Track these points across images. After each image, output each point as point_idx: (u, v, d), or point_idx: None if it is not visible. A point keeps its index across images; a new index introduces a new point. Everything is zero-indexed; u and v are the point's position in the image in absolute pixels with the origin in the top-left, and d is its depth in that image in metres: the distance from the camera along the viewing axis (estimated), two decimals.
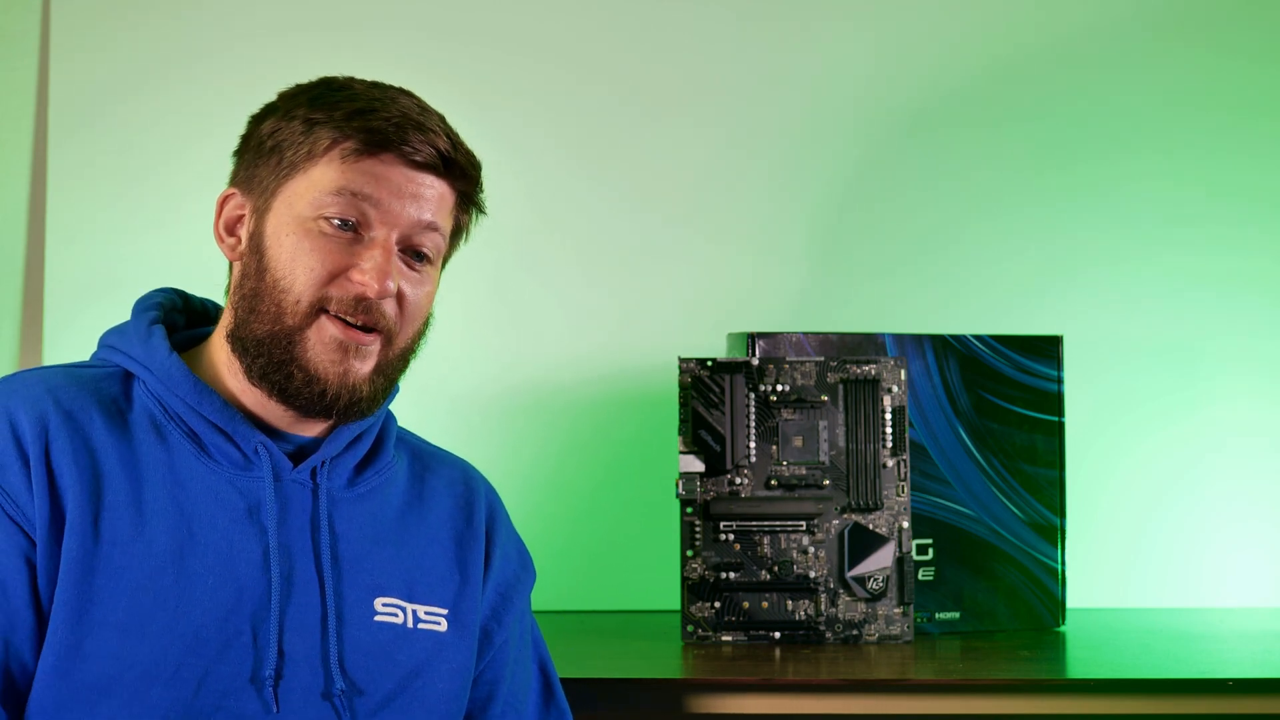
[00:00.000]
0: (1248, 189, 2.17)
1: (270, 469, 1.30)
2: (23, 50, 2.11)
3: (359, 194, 1.29)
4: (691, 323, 2.12)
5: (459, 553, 1.39)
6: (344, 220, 1.29)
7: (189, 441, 1.30)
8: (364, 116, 1.29)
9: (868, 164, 2.16)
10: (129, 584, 1.24)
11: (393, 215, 1.30)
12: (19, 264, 2.11)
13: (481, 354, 2.12)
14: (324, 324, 1.29)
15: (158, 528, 1.26)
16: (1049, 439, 1.92)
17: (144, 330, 1.34)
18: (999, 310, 2.14)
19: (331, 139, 1.29)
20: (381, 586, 1.33)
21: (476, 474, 1.47)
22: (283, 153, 1.31)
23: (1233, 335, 2.16)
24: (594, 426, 2.11)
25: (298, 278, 1.28)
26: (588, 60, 2.15)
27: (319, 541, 1.31)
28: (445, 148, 1.32)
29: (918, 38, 2.17)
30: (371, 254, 1.29)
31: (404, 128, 1.30)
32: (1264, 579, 2.14)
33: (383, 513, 1.36)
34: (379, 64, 2.17)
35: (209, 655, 1.25)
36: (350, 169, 1.29)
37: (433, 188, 1.32)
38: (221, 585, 1.27)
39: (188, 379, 1.30)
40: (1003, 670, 1.67)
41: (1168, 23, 2.18)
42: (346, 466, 1.35)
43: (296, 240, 1.29)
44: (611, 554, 2.10)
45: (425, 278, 1.34)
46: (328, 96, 1.32)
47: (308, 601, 1.29)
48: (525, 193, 2.14)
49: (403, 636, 1.33)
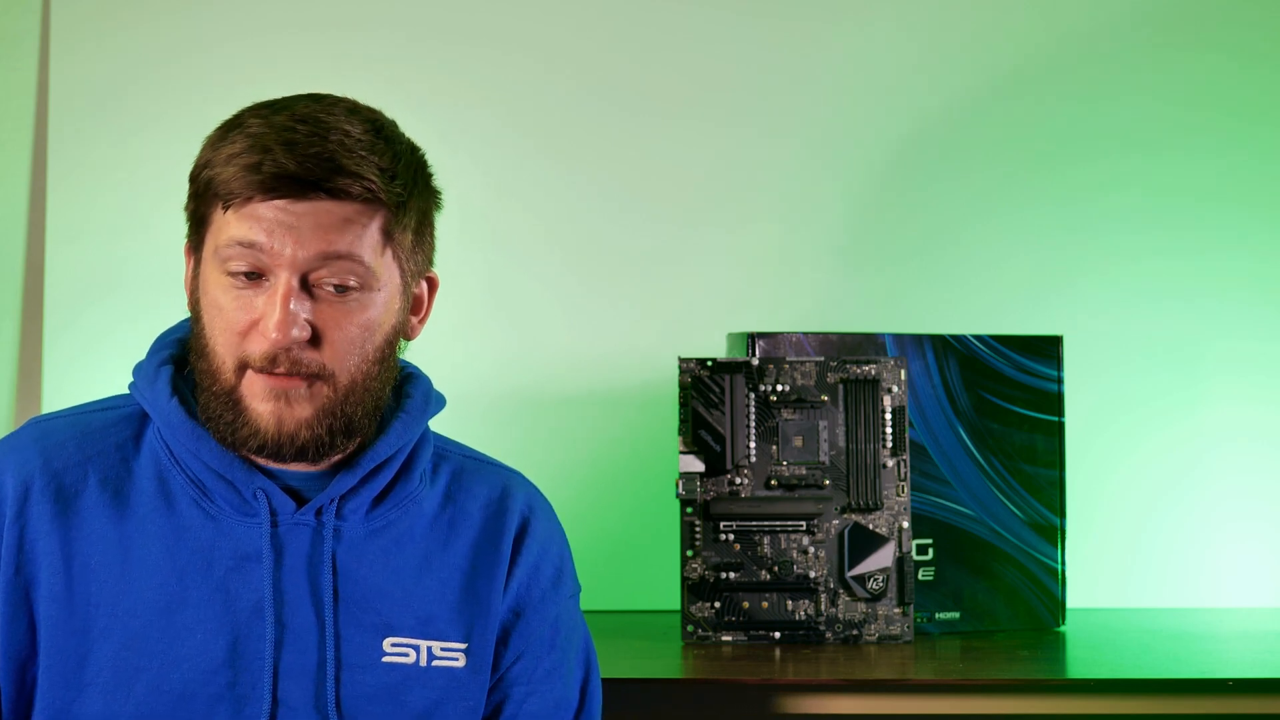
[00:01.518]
0: (1248, 189, 2.17)
1: (268, 514, 1.28)
2: (23, 50, 2.11)
3: (244, 242, 1.23)
4: (691, 323, 2.12)
5: (480, 581, 1.34)
6: (246, 273, 1.24)
7: (192, 488, 1.28)
8: (237, 160, 1.23)
9: (867, 164, 2.16)
10: (115, 643, 1.24)
11: (284, 257, 1.22)
12: (19, 264, 2.11)
13: (481, 355, 2.12)
14: (251, 378, 1.25)
15: (146, 584, 1.25)
16: (1049, 439, 1.92)
17: (153, 371, 1.31)
18: (999, 310, 2.14)
19: (214, 191, 1.24)
20: (391, 625, 1.30)
21: (518, 487, 1.40)
22: (195, 204, 1.27)
23: (1233, 336, 2.16)
24: (594, 426, 2.11)
25: (218, 339, 1.25)
26: (588, 62, 2.15)
27: (319, 584, 1.28)
28: (319, 172, 1.22)
29: (918, 40, 2.17)
30: (271, 301, 1.23)
31: (278, 163, 1.21)
32: (1264, 579, 2.14)
33: (400, 546, 1.32)
34: (378, 64, 2.18)
35: (198, 710, 1.24)
36: (237, 218, 1.23)
37: (325, 214, 1.23)
38: (212, 638, 1.25)
39: (185, 425, 1.28)
40: (1003, 670, 1.67)
41: (1169, 25, 2.18)
42: (363, 500, 1.31)
43: (213, 298, 1.25)
44: (611, 554, 2.09)
45: (355, 307, 1.25)
46: (222, 138, 1.25)
47: (305, 648, 1.27)
48: (525, 193, 2.14)
49: (413, 677, 1.30)
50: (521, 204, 2.14)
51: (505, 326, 2.12)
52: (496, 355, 2.11)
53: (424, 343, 1.38)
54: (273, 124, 1.24)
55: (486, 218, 2.12)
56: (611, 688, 1.54)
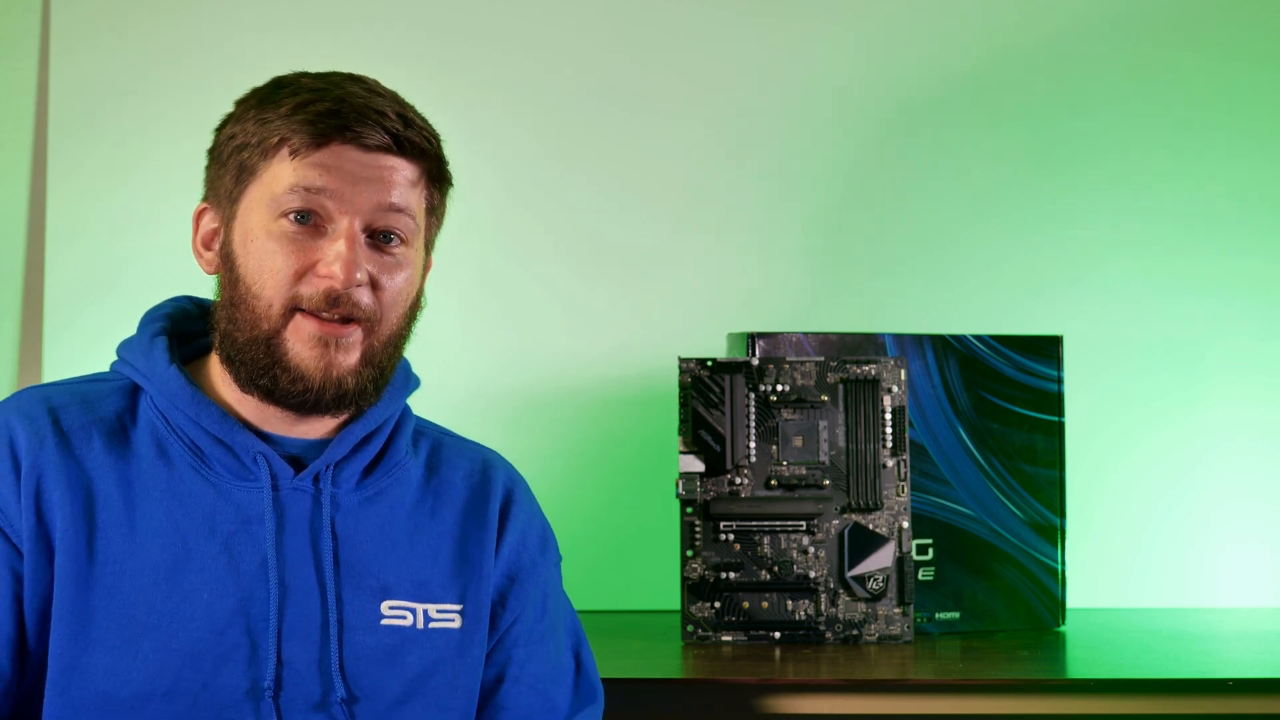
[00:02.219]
0: (1248, 189, 2.17)
1: (269, 478, 1.30)
2: (23, 50, 2.11)
3: (312, 188, 1.27)
4: (691, 323, 2.12)
5: (470, 547, 1.38)
6: (302, 214, 1.27)
7: (190, 454, 1.30)
8: (306, 109, 1.28)
9: (868, 164, 2.16)
10: (123, 601, 1.25)
11: (351, 202, 1.28)
12: (19, 264, 2.11)
13: (481, 355, 2.12)
14: (300, 322, 1.28)
15: (152, 545, 1.27)
16: (1049, 439, 1.92)
17: (147, 343, 1.34)
18: (999, 310, 2.14)
19: (280, 137, 1.28)
20: (389, 589, 1.33)
21: (497, 461, 1.45)
22: (239, 157, 1.30)
23: (1233, 336, 2.16)
24: (594, 426, 2.11)
25: (266, 282, 1.27)
26: (590, 62, 2.15)
27: (320, 548, 1.31)
28: (395, 127, 1.29)
29: (919, 37, 2.17)
30: (335, 245, 1.27)
31: (347, 113, 1.28)
32: (1264, 579, 2.14)
33: (393, 513, 1.35)
34: (377, 61, 2.17)
35: (206, 669, 1.25)
36: (302, 164, 1.27)
37: (391, 168, 1.30)
38: (218, 599, 1.27)
39: (185, 390, 1.30)
40: (1003, 670, 1.67)
41: (1169, 24, 2.18)
42: (355, 469, 1.34)
43: (261, 244, 1.28)
44: (611, 554, 2.10)
45: (402, 261, 1.31)
46: (273, 95, 1.30)
47: (308, 609, 1.29)
48: (525, 193, 2.14)
49: (412, 639, 1.32)
50: (522, 204, 2.14)
51: (506, 326, 2.12)
52: (497, 355, 2.11)
53: (424, 342, 1.39)
54: (331, 80, 1.31)
55: (487, 218, 2.12)
56: (611, 688, 1.54)
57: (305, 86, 1.30)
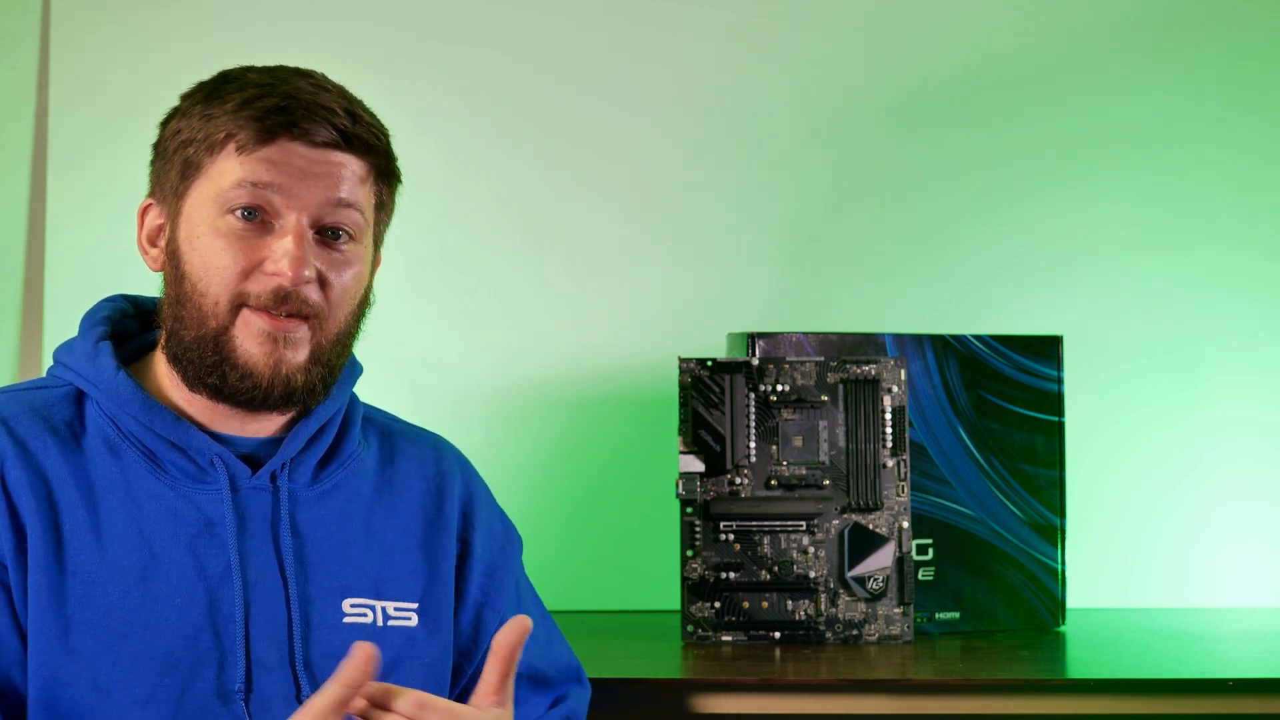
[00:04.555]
0: (1248, 189, 2.17)
1: (227, 480, 1.29)
2: (23, 50, 2.11)
3: (259, 182, 1.26)
4: (691, 323, 2.12)
5: (428, 543, 1.38)
6: (249, 210, 1.26)
7: (144, 459, 1.29)
8: (253, 104, 1.27)
9: (868, 164, 2.16)
10: (97, 611, 1.24)
11: (298, 198, 1.27)
12: (19, 264, 2.11)
13: (481, 355, 2.11)
14: (248, 317, 1.27)
15: (119, 552, 1.26)
16: (1049, 439, 1.92)
17: (91, 348, 1.32)
18: (999, 310, 2.14)
19: (226, 132, 1.27)
20: (349, 587, 1.32)
21: (449, 451, 1.45)
22: (185, 153, 1.29)
23: (1233, 335, 2.16)
24: (594, 426, 2.11)
25: (213, 280, 1.26)
26: (591, 63, 2.15)
27: (281, 547, 1.30)
28: (343, 123, 1.28)
29: (918, 36, 2.17)
30: (282, 242, 1.26)
31: (294, 109, 1.27)
32: (1264, 579, 2.14)
33: (350, 507, 1.35)
34: (378, 60, 2.17)
35: (183, 674, 1.25)
36: (249, 160, 1.26)
37: (339, 164, 1.29)
38: (189, 604, 1.26)
39: (136, 396, 1.29)
40: (1003, 670, 1.67)
41: (1169, 22, 2.18)
42: (309, 464, 1.34)
43: (208, 241, 1.27)
44: (611, 554, 2.09)
45: (350, 257, 1.30)
46: (219, 90, 1.29)
47: (274, 609, 1.29)
48: (525, 193, 2.14)
49: (372, 636, 1.31)
50: (521, 205, 2.13)
51: (505, 327, 2.12)
52: (497, 355, 2.11)
53: (424, 342, 1.39)
54: (278, 75, 1.30)
55: (486, 218, 2.12)
56: (611, 688, 1.55)
57: (251, 81, 1.29)
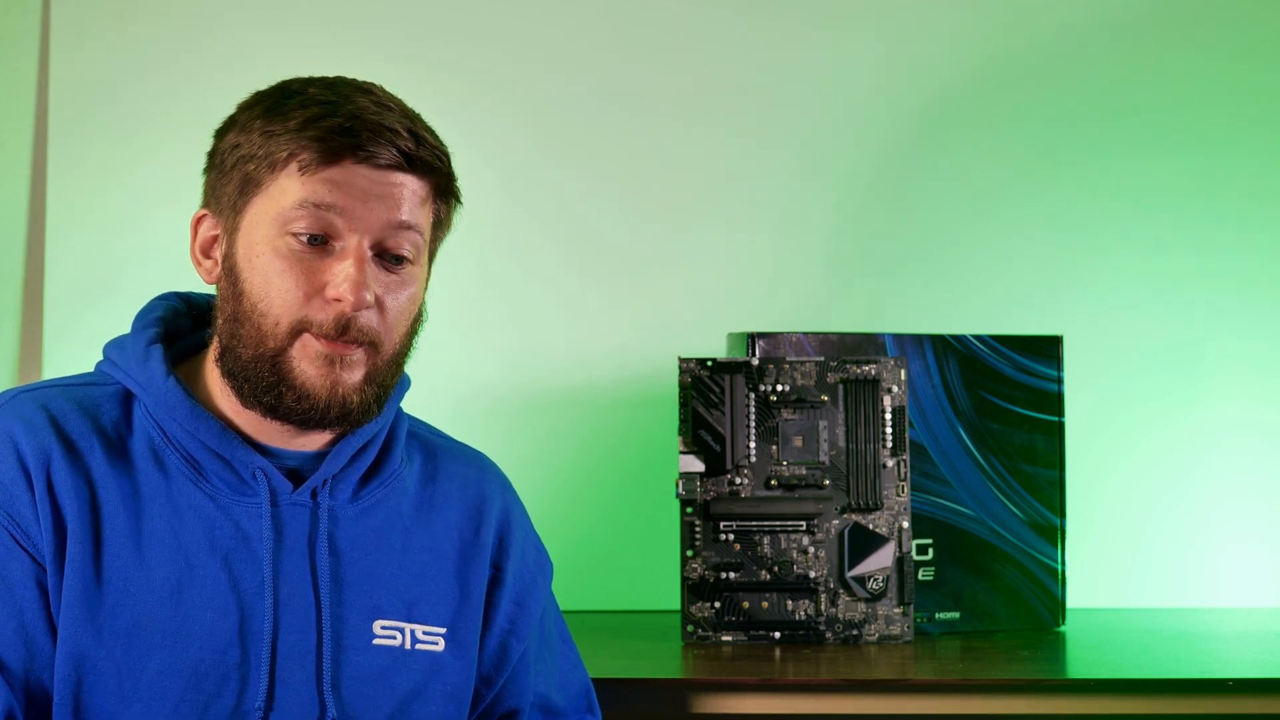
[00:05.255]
0: (1248, 189, 2.17)
1: (268, 494, 1.28)
2: (23, 50, 2.11)
3: (322, 204, 1.24)
4: (691, 323, 2.12)
5: (462, 567, 1.37)
6: (312, 235, 1.24)
7: (187, 467, 1.28)
8: (317, 124, 1.24)
9: (868, 164, 2.16)
10: (128, 622, 1.24)
11: (361, 221, 1.25)
12: (19, 264, 2.11)
13: (481, 355, 2.12)
14: (307, 341, 1.25)
15: (155, 562, 1.25)
16: (1049, 439, 1.92)
17: (142, 351, 1.31)
18: (999, 310, 2.14)
19: (289, 151, 1.25)
20: (380, 608, 1.31)
21: (492, 473, 1.44)
22: (244, 169, 1.27)
23: (1233, 335, 2.16)
24: (594, 426, 2.11)
25: (274, 301, 1.25)
26: (591, 64, 2.15)
27: (317, 565, 1.29)
28: (407, 145, 1.26)
29: (919, 38, 2.17)
30: (343, 265, 1.24)
31: (359, 131, 1.24)
32: (1264, 579, 2.14)
33: (389, 526, 1.34)
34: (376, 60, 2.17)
35: (208, 689, 1.25)
36: (311, 180, 1.24)
37: (401, 185, 1.27)
38: (221, 618, 1.26)
39: (184, 404, 1.28)
40: (1003, 670, 1.67)
41: (1169, 24, 2.18)
42: (350, 481, 1.33)
43: (268, 261, 1.25)
44: (611, 554, 2.09)
45: (407, 279, 1.29)
46: (281, 105, 1.27)
47: (305, 627, 1.28)
48: (525, 194, 2.14)
49: (400, 659, 1.31)
50: (522, 205, 2.13)
51: (506, 327, 2.12)
52: (497, 355, 2.11)
53: (424, 344, 1.39)
54: (341, 93, 1.27)
55: (487, 219, 2.12)
56: (611, 688, 1.55)
57: (314, 99, 1.26)
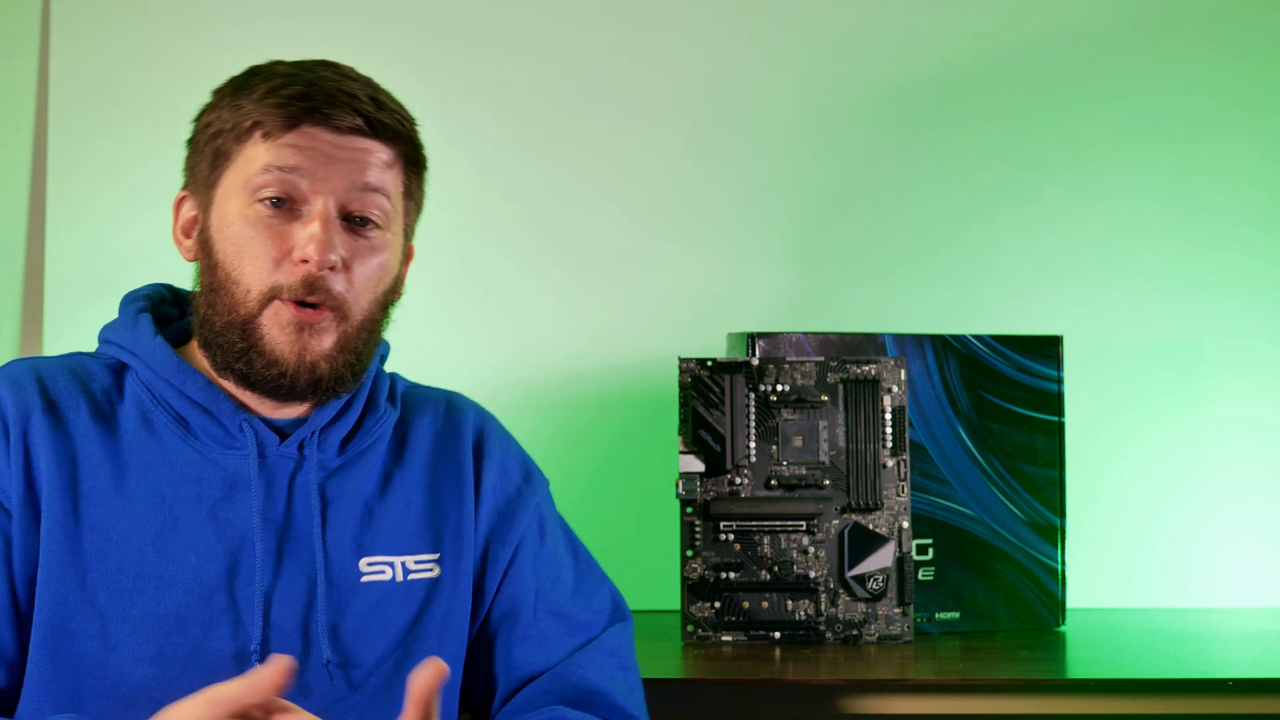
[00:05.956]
0: (1248, 189, 2.17)
1: (255, 444, 1.31)
2: (23, 50, 2.11)
3: (285, 167, 1.28)
4: (691, 323, 2.12)
5: (445, 492, 1.39)
6: (277, 198, 1.28)
7: (176, 424, 1.31)
8: (278, 92, 1.29)
9: (868, 164, 2.16)
10: (111, 568, 1.26)
11: (325, 183, 1.29)
12: (19, 263, 2.11)
13: (481, 354, 2.11)
14: (278, 307, 1.28)
15: (139, 511, 1.28)
16: (1049, 439, 1.92)
17: (131, 319, 1.36)
18: (999, 310, 2.14)
19: (252, 121, 1.29)
20: (364, 547, 1.34)
21: (462, 401, 1.46)
22: (215, 144, 1.32)
23: (1233, 335, 2.16)
24: (594, 426, 2.11)
25: (245, 268, 1.29)
26: (591, 63, 2.15)
27: (307, 513, 1.32)
28: (367, 109, 1.30)
29: (919, 36, 2.17)
30: (308, 227, 1.28)
31: (317, 95, 1.29)
32: (1264, 579, 2.14)
33: (371, 473, 1.37)
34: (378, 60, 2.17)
35: (194, 633, 1.27)
36: (275, 146, 1.29)
37: (366, 150, 1.31)
38: (205, 563, 1.28)
39: (170, 359, 1.32)
40: (1003, 670, 1.67)
41: (1168, 21, 2.18)
42: (337, 435, 1.35)
43: (239, 229, 1.29)
44: (611, 554, 2.08)
45: (377, 244, 1.32)
46: (247, 82, 1.32)
47: (296, 574, 1.30)
48: (524, 194, 2.14)
49: (392, 592, 1.33)
50: (521, 205, 2.13)
51: (505, 326, 2.12)
52: (497, 355, 2.11)
53: (424, 344, 1.39)
54: (304, 66, 1.32)
55: (486, 218, 2.12)
56: None
57: (278, 73, 1.31)
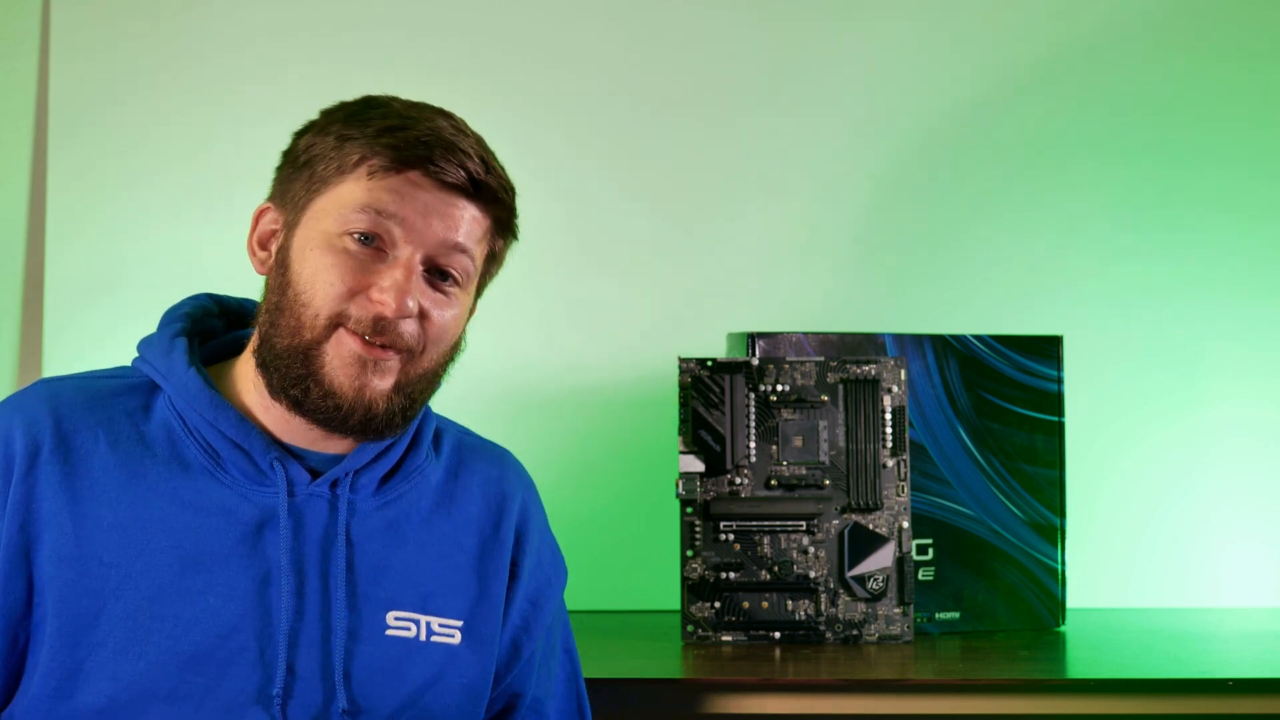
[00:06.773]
0: (1247, 189, 2.17)
1: (285, 483, 1.29)
2: (23, 51, 2.11)
3: (384, 211, 1.27)
4: (691, 323, 2.12)
5: (481, 562, 1.37)
6: (366, 236, 1.27)
7: (205, 457, 1.29)
8: (394, 134, 1.27)
9: (867, 166, 2.16)
10: (128, 604, 1.24)
11: (418, 234, 1.28)
12: (19, 264, 2.11)
13: (481, 354, 2.10)
14: (342, 338, 1.27)
15: (160, 546, 1.26)
16: (1049, 439, 1.92)
17: (167, 343, 1.33)
18: (999, 310, 2.14)
19: (360, 155, 1.28)
20: (395, 600, 1.32)
21: (515, 471, 1.45)
22: (314, 168, 1.29)
23: (1232, 335, 2.16)
24: (594, 426, 2.11)
25: (317, 293, 1.26)
26: (591, 63, 2.15)
27: (333, 555, 1.30)
28: (476, 170, 1.29)
29: (919, 40, 2.17)
30: (392, 272, 1.27)
31: (433, 146, 1.27)
32: (1264, 579, 2.14)
33: (407, 519, 1.34)
34: (383, 66, 2.17)
35: (210, 673, 1.25)
36: (377, 186, 1.27)
37: (463, 210, 1.30)
38: (225, 602, 1.26)
39: (204, 393, 1.29)
40: (1003, 670, 1.67)
41: (1170, 26, 2.18)
42: (374, 476, 1.33)
43: (319, 255, 1.27)
44: (611, 554, 2.09)
45: (452, 300, 1.31)
46: (363, 113, 1.30)
47: (316, 617, 1.28)
48: (523, 193, 2.13)
49: (414, 650, 1.32)
50: (522, 204, 2.13)
51: (505, 327, 2.12)
52: (496, 355, 2.11)
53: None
54: (422, 111, 1.31)
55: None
56: (611, 688, 1.55)
57: (396, 111, 1.30)
